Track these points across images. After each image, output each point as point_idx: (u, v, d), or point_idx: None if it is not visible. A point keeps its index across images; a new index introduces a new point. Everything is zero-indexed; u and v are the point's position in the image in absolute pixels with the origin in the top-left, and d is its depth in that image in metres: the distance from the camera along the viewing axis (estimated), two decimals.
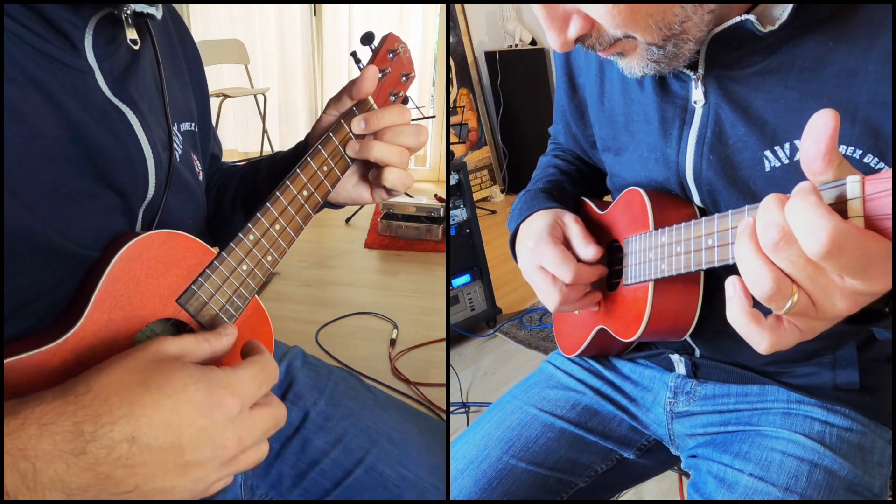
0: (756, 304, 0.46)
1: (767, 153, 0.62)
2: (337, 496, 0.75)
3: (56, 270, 0.52)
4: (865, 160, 0.56)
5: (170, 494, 0.45)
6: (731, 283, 0.47)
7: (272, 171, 0.78)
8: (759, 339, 0.46)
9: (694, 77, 0.65)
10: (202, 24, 4.05)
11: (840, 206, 0.40)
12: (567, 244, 0.77)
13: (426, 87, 4.19)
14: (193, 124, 0.73)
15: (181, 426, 0.44)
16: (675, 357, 0.83)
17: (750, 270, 0.44)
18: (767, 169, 0.62)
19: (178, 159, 0.66)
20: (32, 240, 0.49)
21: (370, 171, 0.74)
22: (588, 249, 0.74)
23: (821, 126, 0.40)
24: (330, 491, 0.75)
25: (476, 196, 4.01)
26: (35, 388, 0.47)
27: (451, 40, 3.91)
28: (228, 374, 0.49)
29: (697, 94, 0.65)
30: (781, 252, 0.41)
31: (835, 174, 0.41)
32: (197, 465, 0.46)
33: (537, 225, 0.78)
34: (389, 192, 0.75)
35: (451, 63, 3.95)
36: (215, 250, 0.61)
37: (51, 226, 0.50)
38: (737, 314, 0.46)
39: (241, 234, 0.61)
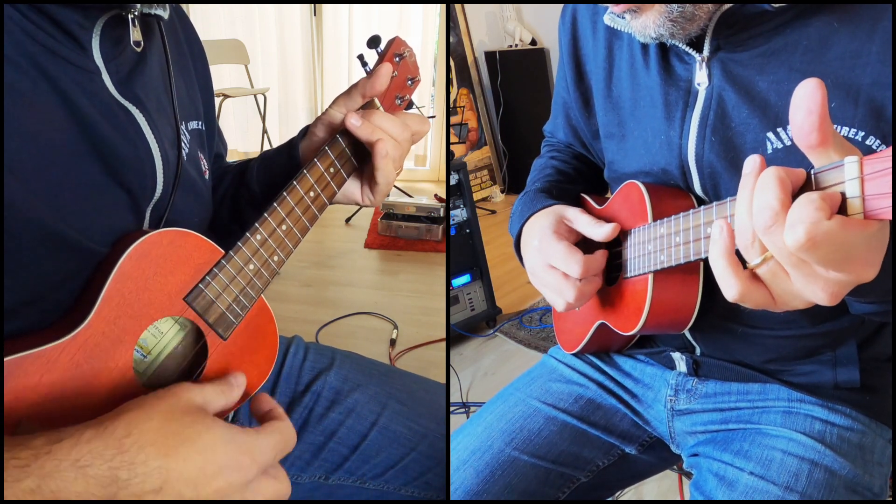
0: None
1: (770, 135, 0.62)
2: (354, 460, 0.80)
3: (65, 264, 0.52)
4: (867, 142, 0.57)
5: None
6: (717, 226, 0.48)
7: (264, 165, 0.78)
8: (730, 284, 0.48)
9: (699, 59, 0.65)
10: (202, 24, 4.03)
11: (839, 188, 0.40)
12: (574, 238, 0.76)
13: (426, 87, 4.18)
14: (200, 123, 0.73)
15: (203, 484, 0.46)
16: (676, 355, 0.84)
17: (740, 217, 0.46)
18: (769, 151, 0.62)
19: (185, 158, 0.66)
20: (44, 231, 0.49)
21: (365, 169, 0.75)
22: (602, 228, 0.72)
23: (810, 96, 0.40)
24: (348, 457, 0.80)
25: (476, 196, 4.01)
26: (44, 384, 0.48)
27: (451, 40, 3.91)
28: (252, 440, 0.51)
29: (701, 77, 0.66)
30: (772, 237, 0.42)
31: (832, 144, 0.41)
32: None
33: (540, 224, 0.77)
34: (375, 173, 0.73)
35: (451, 63, 3.96)
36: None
37: (61, 218, 0.50)
38: (717, 255, 0.48)
39: (248, 234, 0.61)
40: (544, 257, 0.74)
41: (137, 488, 0.43)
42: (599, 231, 0.73)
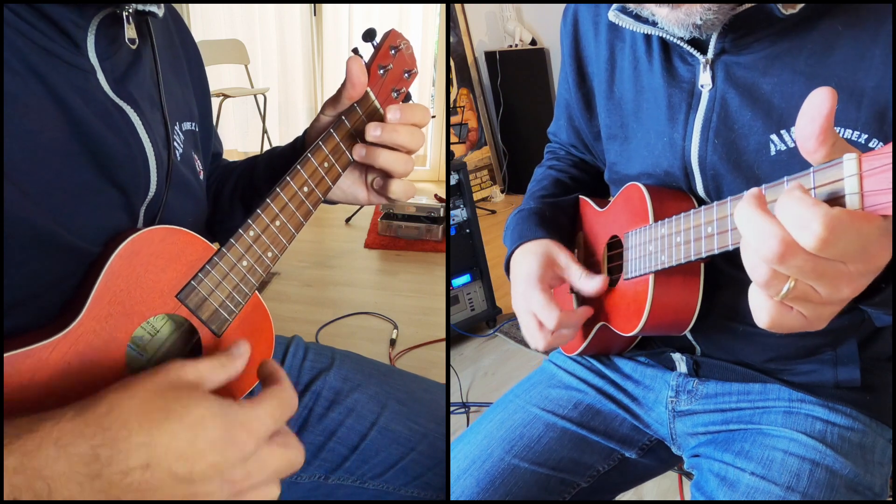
0: None
1: (773, 137, 0.62)
2: (354, 460, 0.79)
3: (58, 264, 0.52)
4: (871, 145, 0.57)
5: None
6: None
7: (270, 166, 0.78)
8: (763, 311, 0.45)
9: (702, 61, 0.65)
10: (202, 24, 4.04)
11: (838, 185, 0.40)
12: (562, 283, 0.80)
13: (426, 87, 4.19)
14: (194, 124, 0.73)
15: (195, 459, 0.44)
16: (676, 356, 0.83)
17: (746, 259, 0.44)
18: (773, 153, 0.62)
19: (179, 158, 0.66)
20: (35, 232, 0.49)
21: (374, 179, 0.74)
22: (592, 282, 0.76)
23: (816, 105, 0.40)
24: (348, 456, 0.79)
25: (476, 196, 4.01)
26: (36, 383, 0.48)
27: (451, 40, 3.91)
28: (246, 412, 0.48)
29: (705, 78, 0.66)
30: (788, 262, 0.40)
31: (829, 153, 0.40)
32: (203, 495, 0.46)
33: (528, 268, 0.79)
34: (389, 198, 0.75)
35: (451, 63, 3.95)
36: (215, 246, 0.61)
37: (54, 219, 0.50)
38: (753, 286, 0.46)
39: (240, 230, 0.61)
40: (527, 303, 0.78)
41: (122, 465, 0.41)
42: (589, 284, 0.76)
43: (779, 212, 0.40)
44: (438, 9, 3.86)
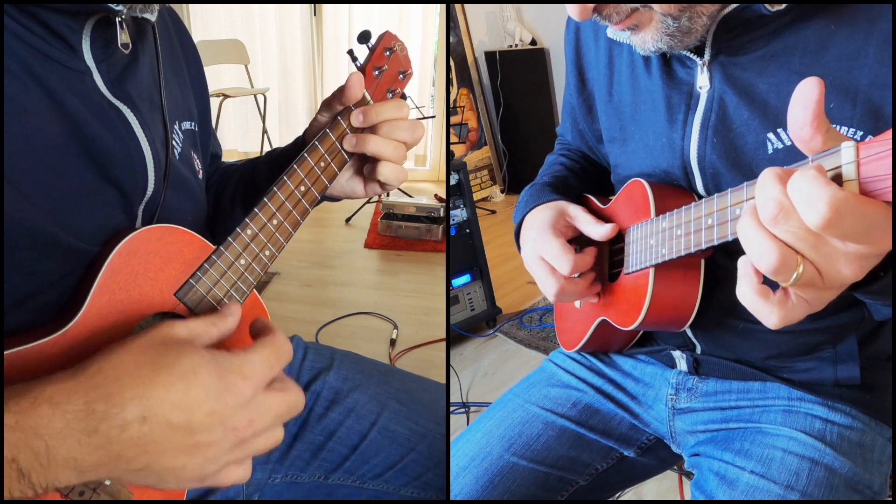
0: (765, 280, 0.46)
1: (770, 136, 0.62)
2: (354, 460, 0.79)
3: (57, 265, 0.52)
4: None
5: (180, 473, 0.46)
6: (742, 262, 0.47)
7: (271, 167, 0.79)
8: (769, 314, 0.46)
9: (700, 62, 0.66)
10: (202, 24, 4.04)
11: (835, 172, 0.40)
12: (572, 234, 0.79)
13: (426, 87, 4.19)
14: (193, 123, 0.74)
15: (192, 408, 0.45)
16: (676, 353, 0.83)
17: (754, 246, 0.44)
18: (770, 151, 0.63)
19: (178, 157, 0.66)
20: (34, 234, 0.49)
21: (365, 166, 0.75)
22: (603, 228, 0.75)
23: (807, 92, 0.41)
24: (348, 456, 0.79)
25: (476, 196, 4.01)
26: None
27: (451, 40, 3.91)
28: (239, 358, 0.49)
29: (703, 80, 0.67)
30: (781, 225, 0.41)
31: (824, 141, 0.41)
32: (207, 445, 0.46)
33: (541, 217, 0.79)
34: (383, 186, 0.76)
35: (451, 63, 3.96)
36: (214, 245, 0.61)
37: (52, 220, 0.50)
38: (746, 290, 0.46)
39: (238, 229, 0.62)
40: (538, 250, 0.77)
41: (118, 419, 0.42)
42: (599, 230, 0.76)
43: (790, 187, 0.40)
44: (438, 9, 3.86)
